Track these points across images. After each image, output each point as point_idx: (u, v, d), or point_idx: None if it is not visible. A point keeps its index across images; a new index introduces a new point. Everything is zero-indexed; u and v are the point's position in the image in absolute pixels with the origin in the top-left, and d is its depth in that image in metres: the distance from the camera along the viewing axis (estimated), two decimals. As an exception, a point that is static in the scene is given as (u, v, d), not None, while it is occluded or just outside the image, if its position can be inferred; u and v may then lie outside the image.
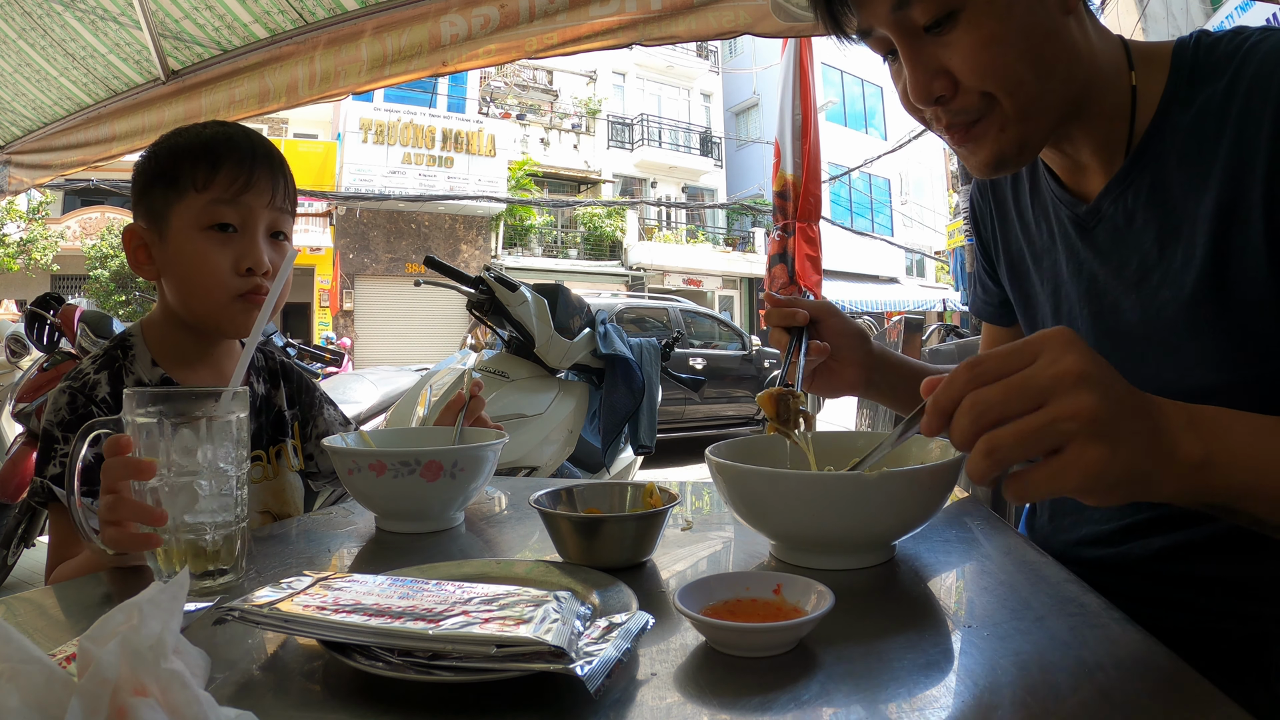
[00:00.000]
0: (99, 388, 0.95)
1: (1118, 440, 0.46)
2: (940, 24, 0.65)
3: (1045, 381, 0.46)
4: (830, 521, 0.64)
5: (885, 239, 20.07)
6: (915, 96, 0.69)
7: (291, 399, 1.13)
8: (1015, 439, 0.46)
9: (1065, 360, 0.46)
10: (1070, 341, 0.47)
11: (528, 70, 19.13)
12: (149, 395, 0.65)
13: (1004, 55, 0.65)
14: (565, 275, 17.30)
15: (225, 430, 0.67)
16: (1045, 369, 0.47)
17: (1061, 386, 0.46)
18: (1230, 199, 0.67)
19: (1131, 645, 0.49)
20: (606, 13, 2.11)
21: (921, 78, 0.68)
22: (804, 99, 4.36)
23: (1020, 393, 0.46)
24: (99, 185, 13.04)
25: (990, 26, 0.65)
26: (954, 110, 0.69)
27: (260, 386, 1.09)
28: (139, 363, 0.98)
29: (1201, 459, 0.49)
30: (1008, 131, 0.69)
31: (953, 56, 0.66)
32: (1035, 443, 0.46)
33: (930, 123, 0.73)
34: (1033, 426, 0.46)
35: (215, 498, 0.66)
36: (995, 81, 0.66)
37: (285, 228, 1.02)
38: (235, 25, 2.51)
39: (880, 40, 0.70)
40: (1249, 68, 0.67)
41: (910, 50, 0.68)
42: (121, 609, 0.32)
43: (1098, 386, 0.46)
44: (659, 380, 2.99)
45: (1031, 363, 0.47)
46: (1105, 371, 0.47)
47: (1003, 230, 0.95)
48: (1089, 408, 0.45)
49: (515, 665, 0.43)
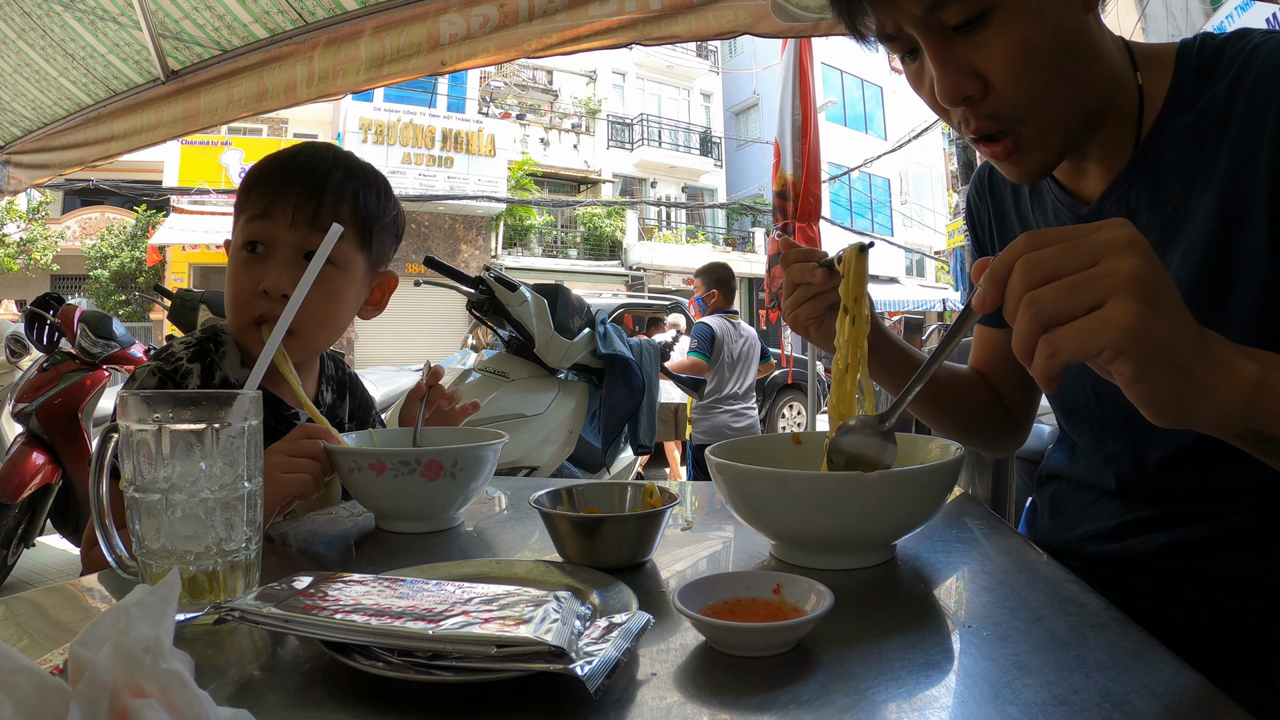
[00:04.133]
0: (190, 379, 0.95)
1: (1159, 310, 0.45)
2: (972, 24, 0.64)
3: (1096, 245, 0.46)
4: (830, 521, 0.64)
5: (885, 239, 20.08)
6: (944, 97, 0.68)
7: (353, 413, 1.15)
8: (1058, 291, 0.46)
9: (1119, 231, 0.46)
10: (1126, 223, 0.47)
11: (527, 70, 19.13)
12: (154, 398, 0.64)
13: (1038, 56, 0.65)
14: (565, 275, 17.29)
15: (237, 440, 0.59)
16: (1099, 236, 0.46)
17: (1112, 249, 0.46)
18: (1233, 197, 0.67)
19: (1131, 645, 0.49)
20: (606, 12, 2.11)
21: (951, 78, 0.66)
22: (804, 99, 4.35)
23: (1072, 253, 0.46)
24: (99, 185, 13.06)
25: (1023, 27, 0.64)
26: (983, 113, 0.68)
27: (328, 395, 1.11)
28: (228, 360, 0.99)
29: (1258, 379, 0.48)
30: (1047, 136, 0.69)
31: (984, 57, 0.65)
32: (1078, 296, 0.45)
33: (959, 125, 0.71)
34: (1077, 280, 0.45)
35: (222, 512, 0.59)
36: (1027, 82, 0.65)
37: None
38: (235, 25, 2.51)
39: (904, 41, 0.69)
40: (1252, 68, 0.67)
41: (939, 50, 0.66)
42: (110, 613, 0.32)
43: (1145, 255, 0.45)
44: (659, 380, 2.99)
45: (1090, 234, 0.47)
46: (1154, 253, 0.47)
47: (1000, 231, 0.94)
48: (1134, 266, 0.45)
49: (515, 665, 0.43)
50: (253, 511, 0.60)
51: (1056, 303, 0.46)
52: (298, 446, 0.83)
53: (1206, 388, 0.47)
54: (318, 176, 0.96)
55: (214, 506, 0.57)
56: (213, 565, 0.58)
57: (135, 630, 0.31)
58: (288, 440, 0.84)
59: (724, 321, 4.06)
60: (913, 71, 0.72)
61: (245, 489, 0.59)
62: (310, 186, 0.95)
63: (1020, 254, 0.48)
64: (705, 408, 4.01)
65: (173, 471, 0.56)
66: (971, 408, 1.00)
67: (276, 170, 0.97)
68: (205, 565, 0.57)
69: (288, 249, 0.95)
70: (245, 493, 0.59)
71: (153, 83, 2.76)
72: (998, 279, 0.49)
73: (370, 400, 1.21)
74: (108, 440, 0.60)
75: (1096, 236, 0.46)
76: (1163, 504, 0.78)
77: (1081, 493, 0.88)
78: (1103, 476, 0.84)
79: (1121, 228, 0.47)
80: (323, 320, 0.98)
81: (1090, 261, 0.46)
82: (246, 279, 0.94)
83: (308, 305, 0.89)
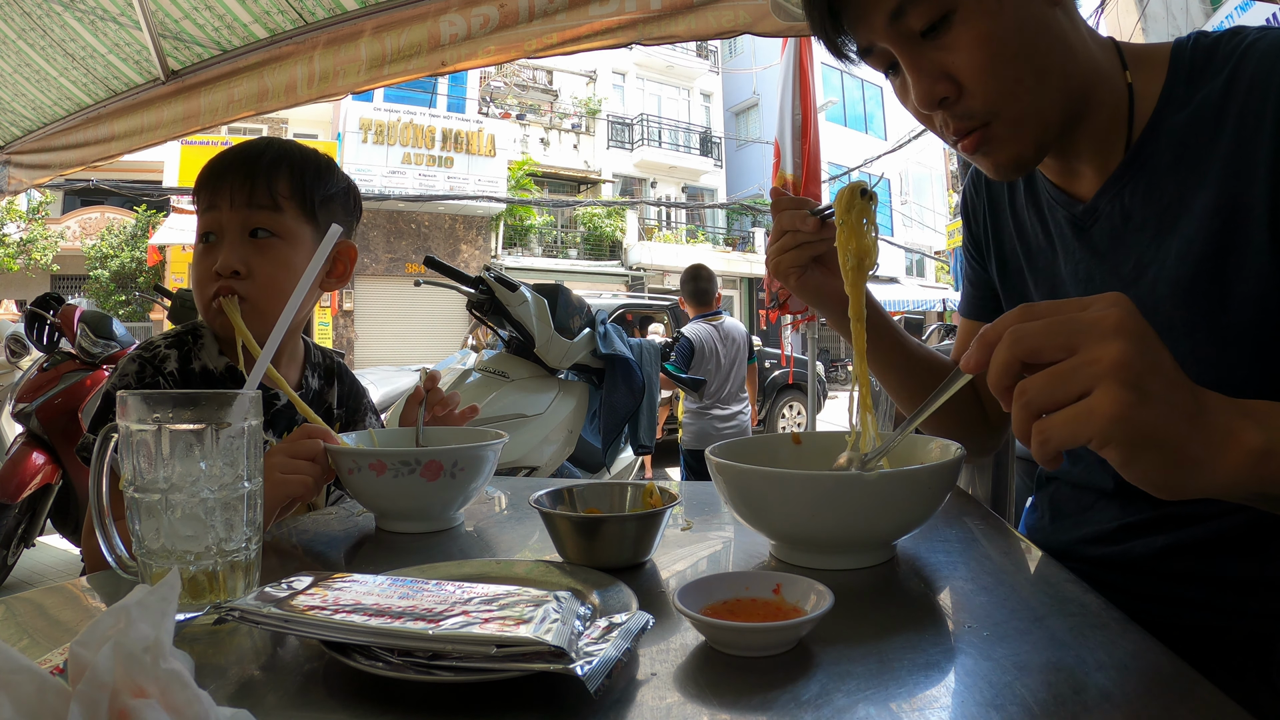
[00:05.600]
0: (168, 361, 1.02)
1: (1147, 394, 0.44)
2: (936, 28, 0.66)
3: (1084, 325, 0.46)
4: (830, 521, 0.64)
5: (885, 239, 20.08)
6: (920, 101, 0.70)
7: (342, 399, 1.19)
8: (1046, 381, 0.46)
9: (1109, 312, 0.46)
10: (1120, 300, 0.47)
11: (527, 70, 19.13)
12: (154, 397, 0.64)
13: (1001, 50, 0.66)
14: (565, 275, 17.30)
15: (237, 441, 0.59)
16: (1087, 315, 0.46)
17: (1097, 331, 0.45)
18: (1231, 195, 0.67)
19: (1131, 645, 0.49)
20: (606, 12, 2.11)
21: (924, 82, 0.68)
22: (804, 99, 4.35)
23: (1059, 329, 0.46)
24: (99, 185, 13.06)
25: (984, 24, 0.65)
26: (959, 113, 0.70)
27: (314, 381, 1.15)
28: (206, 351, 1.05)
29: (1264, 447, 0.47)
30: (1020, 131, 0.70)
31: (952, 58, 0.67)
32: (1064, 385, 0.45)
33: (941, 130, 0.73)
34: (1063, 370, 0.45)
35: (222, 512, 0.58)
36: (996, 78, 0.67)
37: (266, 223, 1.02)
38: (235, 25, 2.51)
39: (881, 56, 0.72)
40: (1248, 66, 0.67)
41: (910, 57, 0.69)
42: (110, 613, 0.32)
43: (1133, 338, 0.45)
44: (659, 380, 2.99)
45: (1080, 311, 0.47)
46: (1146, 331, 0.46)
47: (995, 227, 0.94)
48: (1119, 353, 0.44)
49: (515, 665, 0.43)
50: (253, 511, 0.60)
51: (1044, 393, 0.46)
52: (298, 447, 0.83)
53: (1204, 462, 0.47)
54: (250, 159, 1.03)
55: (214, 506, 0.57)
56: (213, 565, 0.57)
57: (135, 630, 0.31)
58: (288, 441, 0.85)
59: (704, 327, 3.97)
60: (897, 86, 0.74)
61: (245, 489, 0.59)
62: (244, 170, 1.02)
63: (1010, 324, 0.48)
64: (695, 413, 3.97)
65: (172, 471, 0.56)
66: (949, 404, 0.98)
67: (216, 166, 1.04)
68: (205, 565, 0.57)
69: (233, 230, 1.01)
70: (245, 493, 0.59)
71: (153, 83, 2.76)
72: (987, 344, 0.49)
73: (361, 388, 1.24)
74: (107, 440, 0.60)
75: (1086, 314, 0.46)
76: (1162, 506, 0.78)
77: (1081, 494, 0.88)
78: (1102, 478, 0.84)
79: (1113, 306, 0.46)
80: (271, 289, 1.01)
81: (1076, 344, 0.46)
82: (202, 266, 1.02)
83: (256, 276, 0.99)
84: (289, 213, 1.04)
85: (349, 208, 1.15)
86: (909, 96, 0.72)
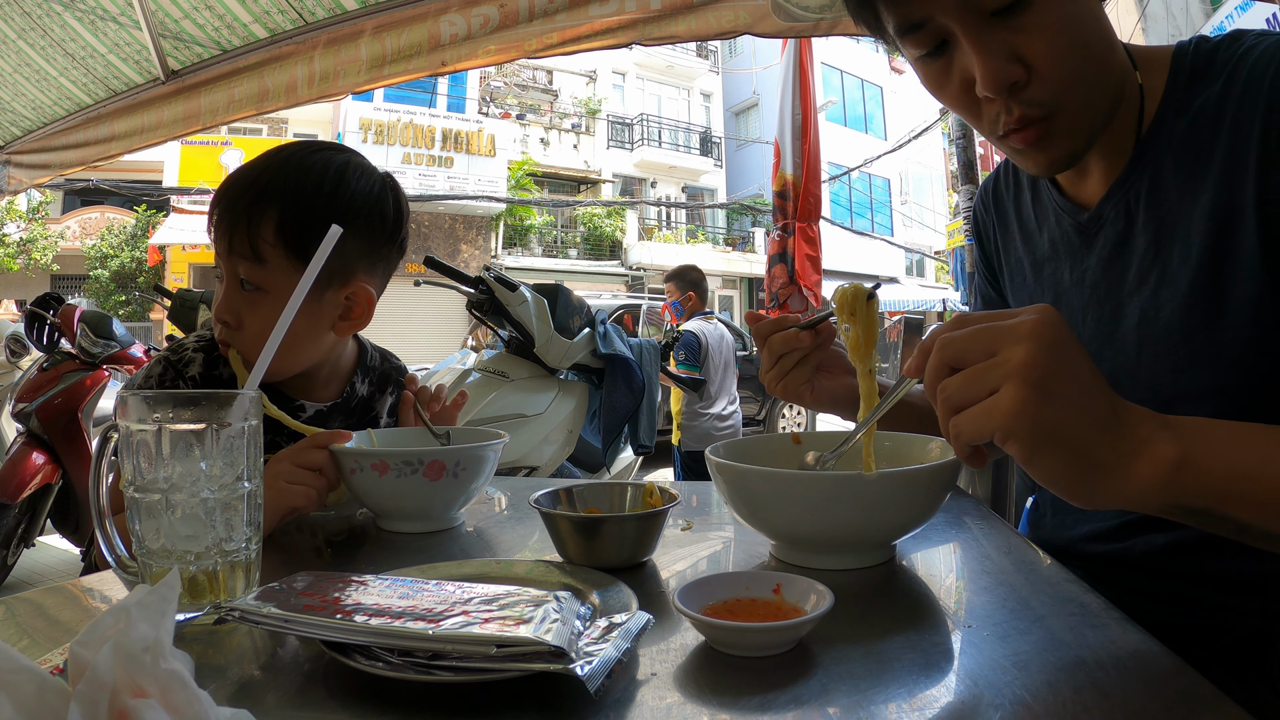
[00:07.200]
0: (192, 366, 1.00)
1: (1051, 394, 0.47)
2: (1012, 7, 0.63)
3: (1003, 331, 0.49)
4: (830, 521, 0.64)
5: (885, 239, 20.08)
6: (988, 85, 0.64)
7: (393, 409, 1.15)
8: (962, 380, 0.49)
9: (1027, 319, 0.49)
10: (1043, 309, 0.49)
11: (527, 70, 19.12)
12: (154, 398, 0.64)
13: (1078, 38, 0.65)
14: (565, 275, 17.29)
15: (237, 440, 0.59)
16: (1008, 323, 0.49)
17: (1013, 336, 0.48)
18: (1226, 200, 0.67)
19: (1131, 645, 0.49)
20: (606, 12, 2.11)
21: (995, 64, 0.64)
22: (804, 99, 4.36)
23: (980, 336, 0.49)
24: (99, 185, 13.05)
25: (1065, 7, 0.64)
26: (1025, 100, 0.66)
27: (363, 388, 1.11)
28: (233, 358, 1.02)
29: (1178, 458, 0.48)
30: (1079, 124, 0.68)
31: (1027, 41, 0.63)
32: (977, 384, 0.49)
33: (991, 121, 0.68)
34: (977, 369, 0.49)
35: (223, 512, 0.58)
36: (1067, 66, 0.65)
37: (249, 276, 0.92)
38: (235, 25, 2.51)
39: (931, 34, 0.66)
40: (1243, 71, 0.67)
41: (978, 37, 0.64)
42: (110, 613, 0.32)
43: (1044, 342, 0.47)
44: (659, 380, 2.99)
45: (1006, 320, 0.50)
46: (1062, 337, 0.48)
47: (1004, 241, 0.95)
48: (1026, 354, 0.47)
49: (515, 665, 0.43)
50: (253, 511, 0.60)
51: (960, 391, 0.49)
52: (305, 457, 0.82)
53: (1113, 469, 0.48)
54: (234, 196, 0.93)
55: (214, 506, 0.57)
56: (213, 565, 0.57)
57: (135, 630, 0.31)
58: (295, 450, 0.83)
59: (706, 325, 4.02)
60: (935, 70, 0.69)
61: (245, 489, 0.59)
62: (229, 208, 0.93)
63: (942, 333, 0.52)
64: (692, 414, 3.98)
65: (173, 471, 0.56)
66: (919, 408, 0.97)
67: (217, 194, 0.96)
68: (205, 565, 0.57)
69: (228, 275, 0.95)
70: (245, 492, 0.59)
71: (153, 83, 2.76)
72: (924, 352, 0.53)
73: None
74: (107, 440, 0.60)
75: (1008, 322, 0.49)
76: None
77: None
78: None
79: (1034, 314, 0.49)
80: (258, 347, 0.84)
81: (995, 348, 0.48)
82: (215, 307, 0.98)
83: (246, 330, 0.94)
84: (273, 263, 0.92)
85: (374, 242, 0.99)
86: (950, 83, 0.68)
